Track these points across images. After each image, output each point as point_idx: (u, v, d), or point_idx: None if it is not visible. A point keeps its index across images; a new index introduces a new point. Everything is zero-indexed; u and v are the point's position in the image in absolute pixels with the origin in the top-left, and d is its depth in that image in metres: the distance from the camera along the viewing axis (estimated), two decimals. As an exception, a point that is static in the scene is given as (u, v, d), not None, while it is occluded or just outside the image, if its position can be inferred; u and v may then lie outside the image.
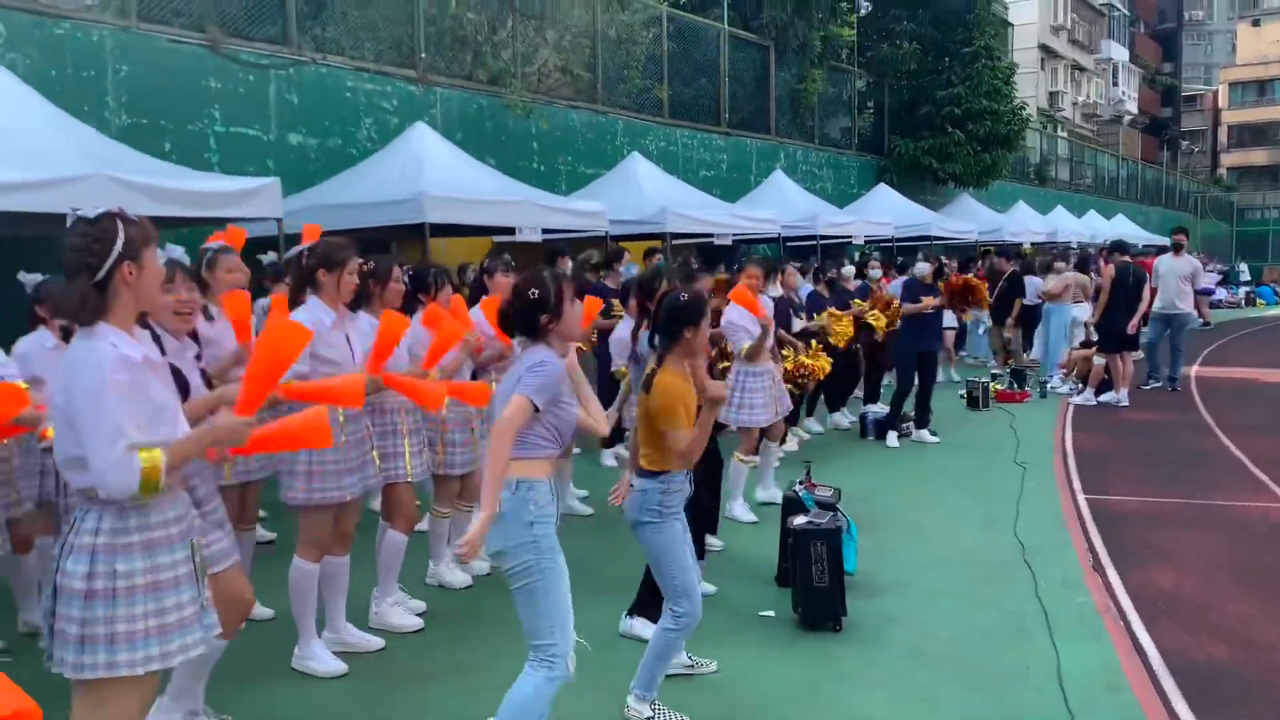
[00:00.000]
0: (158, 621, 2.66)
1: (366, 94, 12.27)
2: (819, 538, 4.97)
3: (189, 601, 2.74)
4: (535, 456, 3.30)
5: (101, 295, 2.63)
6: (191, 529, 2.81)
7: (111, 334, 2.62)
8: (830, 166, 22.01)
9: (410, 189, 9.76)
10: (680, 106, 17.72)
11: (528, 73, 14.68)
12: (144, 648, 2.63)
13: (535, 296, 3.32)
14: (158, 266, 2.73)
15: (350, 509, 4.62)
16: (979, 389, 11.58)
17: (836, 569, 4.96)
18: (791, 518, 5.28)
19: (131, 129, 9.94)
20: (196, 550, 2.80)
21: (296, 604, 4.54)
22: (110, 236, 2.62)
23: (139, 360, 2.65)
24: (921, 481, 8.20)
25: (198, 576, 2.80)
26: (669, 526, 3.94)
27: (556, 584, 3.27)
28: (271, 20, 11.44)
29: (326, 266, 4.43)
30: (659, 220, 12.73)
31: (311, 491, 4.42)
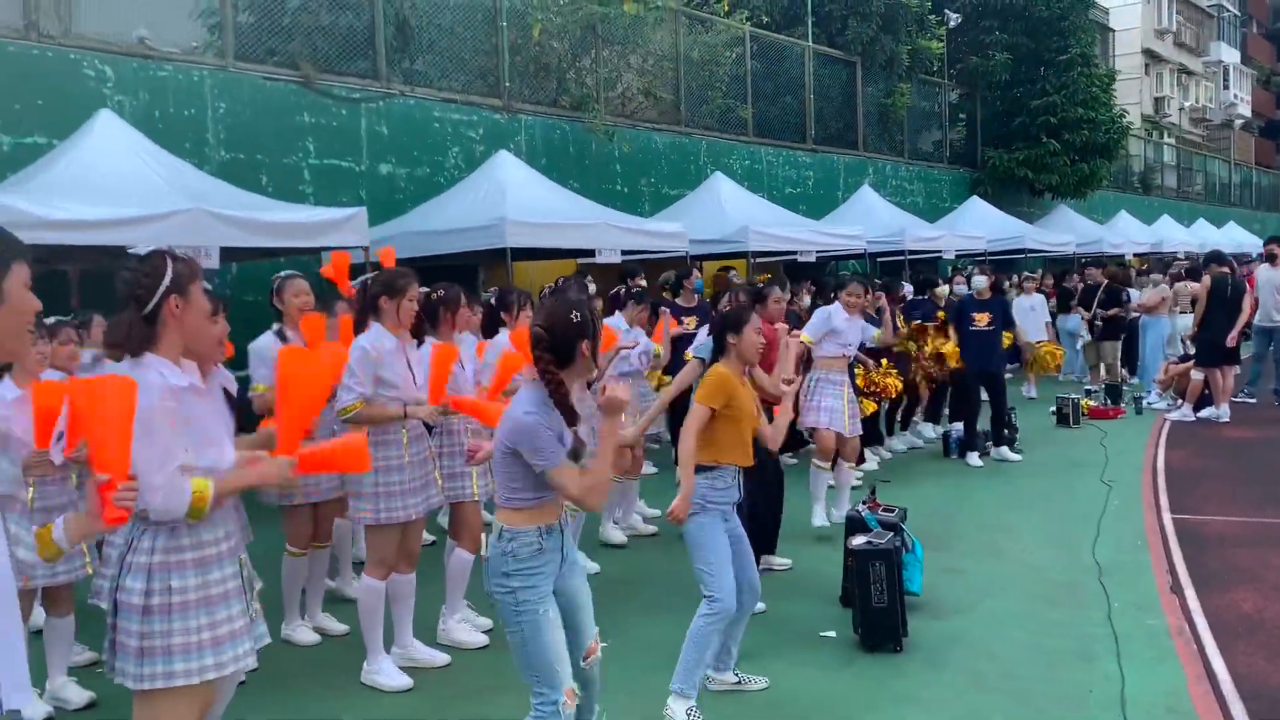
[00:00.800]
0: (211, 634, 2.82)
1: (453, 123, 12.63)
2: (878, 558, 4.96)
3: (239, 614, 2.91)
4: (518, 506, 3.22)
5: (150, 327, 2.82)
6: (239, 546, 2.98)
7: (159, 364, 2.81)
8: (921, 180, 21.75)
9: (492, 215, 10.01)
10: (765, 124, 17.76)
11: (611, 97, 14.91)
12: (199, 658, 2.79)
13: (577, 320, 3.22)
14: (204, 302, 2.91)
15: (415, 528, 4.80)
16: (1069, 405, 11.31)
17: (896, 589, 4.94)
18: (852, 538, 5.27)
19: (230, 164, 10.43)
20: (244, 565, 2.97)
21: (364, 620, 4.72)
22: (159, 272, 2.82)
23: (185, 387, 2.82)
24: (999, 501, 8.07)
25: (246, 590, 2.96)
26: (709, 519, 4.14)
27: (536, 637, 3.17)
28: (362, 55, 11.88)
29: (388, 294, 4.62)
30: (740, 239, 12.78)
31: (379, 511, 4.60)
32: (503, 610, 3.24)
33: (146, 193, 7.66)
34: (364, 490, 4.60)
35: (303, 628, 5.35)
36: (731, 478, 4.24)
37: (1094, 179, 23.27)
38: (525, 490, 3.21)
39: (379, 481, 4.58)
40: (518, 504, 3.22)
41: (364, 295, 4.74)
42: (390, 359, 4.58)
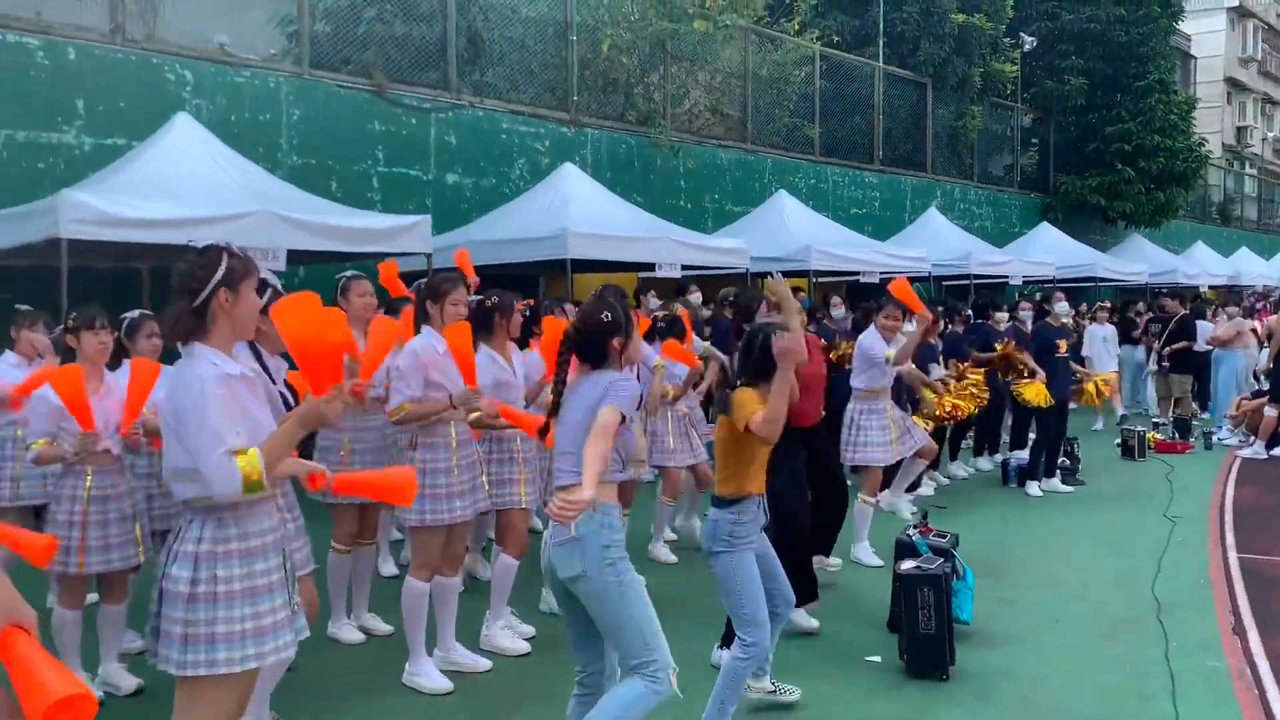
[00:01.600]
0: (254, 624, 2.84)
1: (520, 135, 12.74)
2: (926, 584, 4.85)
3: (281, 606, 2.92)
4: (606, 481, 3.28)
5: (200, 319, 2.86)
6: (284, 538, 3.01)
7: (210, 353, 2.85)
8: (990, 205, 21.45)
9: (555, 226, 10.06)
10: (832, 144, 17.65)
11: (678, 113, 14.93)
12: (241, 647, 2.81)
13: (608, 320, 3.38)
14: (255, 298, 2.94)
15: (460, 531, 4.80)
16: (1135, 438, 11.01)
17: (944, 616, 4.83)
18: (902, 562, 5.17)
19: (301, 169, 10.62)
20: (287, 558, 2.99)
21: (408, 622, 4.74)
22: (213, 265, 2.87)
23: (236, 375, 2.88)
24: (1059, 532, 7.87)
25: (288, 582, 2.98)
26: (740, 556, 3.97)
27: (642, 601, 3.29)
28: (433, 66, 12.04)
29: (432, 298, 4.67)
30: (803, 257, 12.70)
31: (424, 513, 4.62)
32: (601, 586, 3.25)
33: (217, 194, 7.83)
34: (411, 492, 4.62)
35: (348, 626, 5.38)
36: (757, 507, 4.09)
37: (1169, 208, 22.76)
38: (614, 463, 3.32)
39: (425, 484, 4.59)
40: (607, 479, 3.30)
41: (418, 299, 4.78)
42: (440, 362, 4.60)
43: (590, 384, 3.39)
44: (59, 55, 9.01)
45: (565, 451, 3.37)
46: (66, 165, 8.97)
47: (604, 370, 3.40)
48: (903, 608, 4.90)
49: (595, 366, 3.39)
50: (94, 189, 7.61)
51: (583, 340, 3.37)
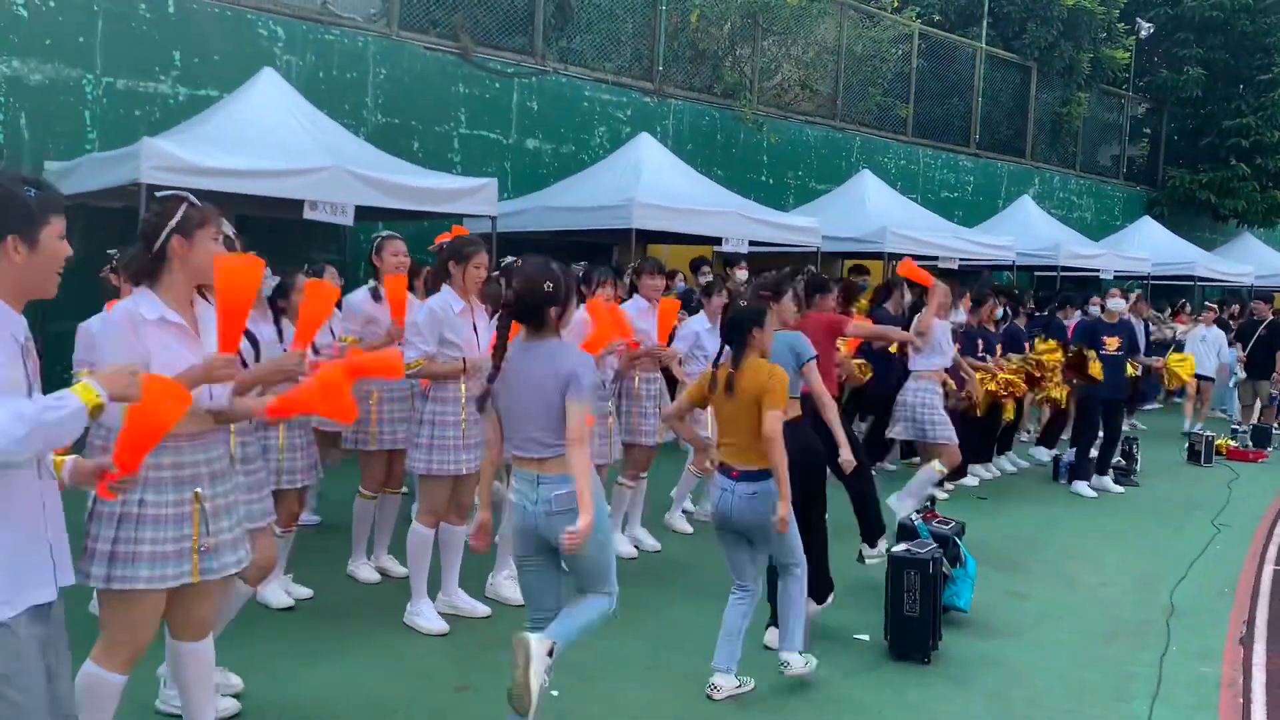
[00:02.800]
0: (126, 548, 2.96)
1: (602, 103, 12.90)
2: (913, 567, 4.92)
3: (170, 539, 3.01)
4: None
5: (157, 264, 3.04)
6: (198, 478, 3.09)
7: (143, 298, 3.03)
8: (1091, 195, 20.83)
9: (623, 195, 10.20)
10: (927, 125, 17.37)
11: (766, 87, 14.88)
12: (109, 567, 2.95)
13: (549, 289, 3.49)
14: (211, 247, 3.08)
15: (467, 482, 5.03)
16: (1201, 442, 10.72)
17: (930, 600, 4.89)
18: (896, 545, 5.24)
19: (385, 128, 10.98)
20: (199, 498, 3.08)
21: (411, 564, 5.01)
22: (169, 213, 3.03)
23: (151, 319, 2.98)
24: (1094, 531, 7.77)
25: (196, 520, 3.06)
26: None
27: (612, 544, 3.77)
28: (520, 31, 12.27)
29: (455, 259, 4.87)
30: (877, 240, 12.62)
31: (431, 463, 4.87)
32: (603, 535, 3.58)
33: (293, 148, 8.19)
34: (419, 441, 4.88)
35: (365, 566, 5.70)
36: None
37: (1286, 208, 21.78)
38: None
39: (433, 435, 4.85)
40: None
41: (438, 261, 5.00)
42: (456, 321, 4.83)
43: (540, 358, 3.50)
44: (159, 7, 9.48)
45: (528, 430, 3.50)
46: (162, 113, 9.46)
47: (545, 337, 3.53)
48: (888, 589, 4.98)
49: (534, 331, 3.54)
50: (177, 137, 8.05)
51: (521, 304, 3.50)
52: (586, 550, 3.44)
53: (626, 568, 6.05)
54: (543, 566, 3.66)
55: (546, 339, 3.55)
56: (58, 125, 8.99)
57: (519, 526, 3.61)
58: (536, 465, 3.52)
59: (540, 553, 3.62)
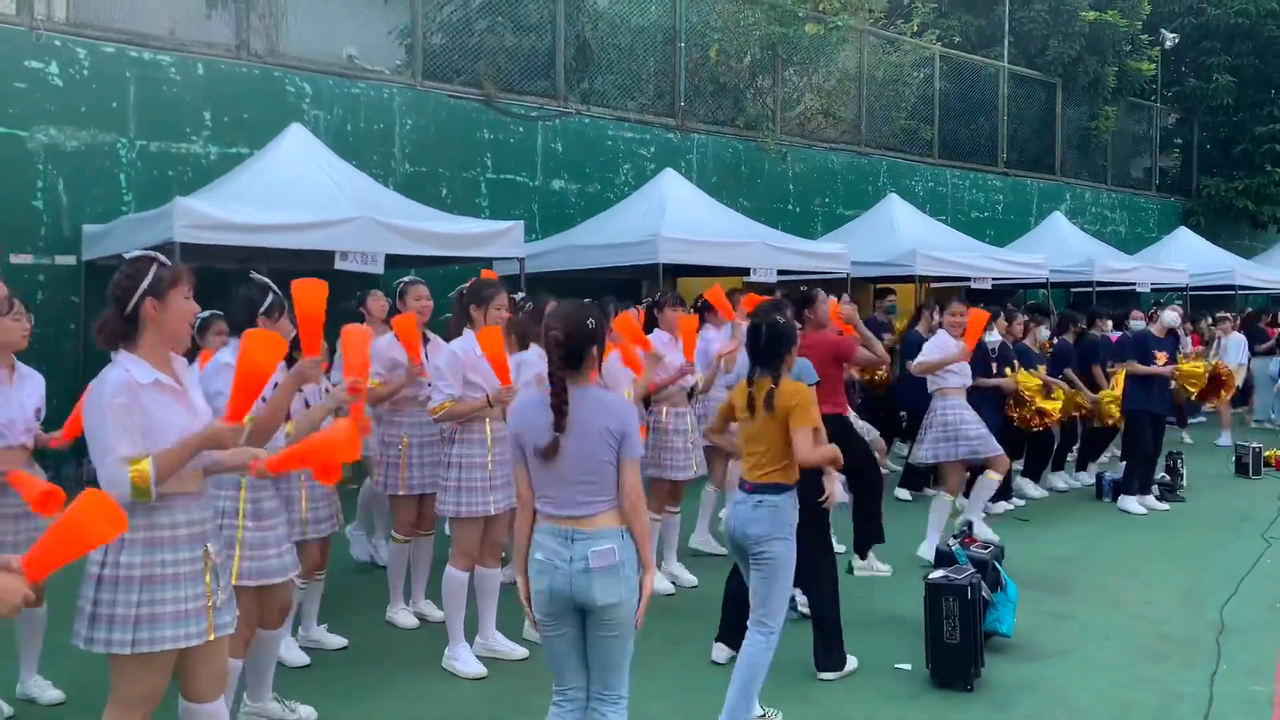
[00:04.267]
0: (149, 610, 2.95)
1: (626, 142, 13.01)
2: (951, 594, 4.86)
3: (191, 596, 3.02)
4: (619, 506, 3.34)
5: (129, 325, 3.02)
6: (206, 534, 3.12)
7: (130, 361, 3.01)
8: (1124, 209, 20.62)
9: (648, 231, 10.25)
10: (953, 146, 17.32)
11: (789, 116, 14.94)
12: (133, 631, 2.94)
13: (591, 326, 3.31)
14: (186, 305, 3.09)
15: (498, 523, 5.06)
16: (1249, 454, 10.51)
17: (971, 627, 4.83)
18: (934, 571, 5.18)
19: (414, 177, 11.15)
20: (209, 555, 3.10)
21: (447, 608, 5.03)
22: (140, 275, 3.01)
23: (146, 384, 2.98)
24: (1139, 549, 7.63)
25: (208, 576, 3.08)
26: (793, 543, 4.16)
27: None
28: (542, 75, 12.42)
29: (475, 302, 4.93)
30: (908, 263, 12.54)
31: (460, 505, 4.91)
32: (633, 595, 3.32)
33: (322, 201, 8.33)
34: (448, 484, 4.92)
35: (404, 611, 5.72)
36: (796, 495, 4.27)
37: (1325, 211, 21.42)
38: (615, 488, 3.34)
39: (461, 477, 4.89)
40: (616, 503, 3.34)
41: (459, 304, 5.06)
42: (479, 363, 4.87)
43: (586, 407, 3.30)
44: (189, 70, 9.73)
45: (568, 485, 3.29)
46: (194, 173, 9.67)
47: (583, 381, 3.33)
48: (927, 617, 4.92)
49: (575, 372, 3.33)
50: (209, 196, 8.23)
51: (570, 346, 3.29)
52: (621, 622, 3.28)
53: (664, 604, 6.03)
54: (569, 633, 3.35)
55: (585, 384, 3.34)
56: (94, 189, 9.22)
57: (546, 587, 3.29)
58: (572, 521, 3.29)
59: (569, 617, 3.32)
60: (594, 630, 3.32)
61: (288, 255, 8.64)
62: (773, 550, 4.11)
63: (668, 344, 6.51)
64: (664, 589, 6.28)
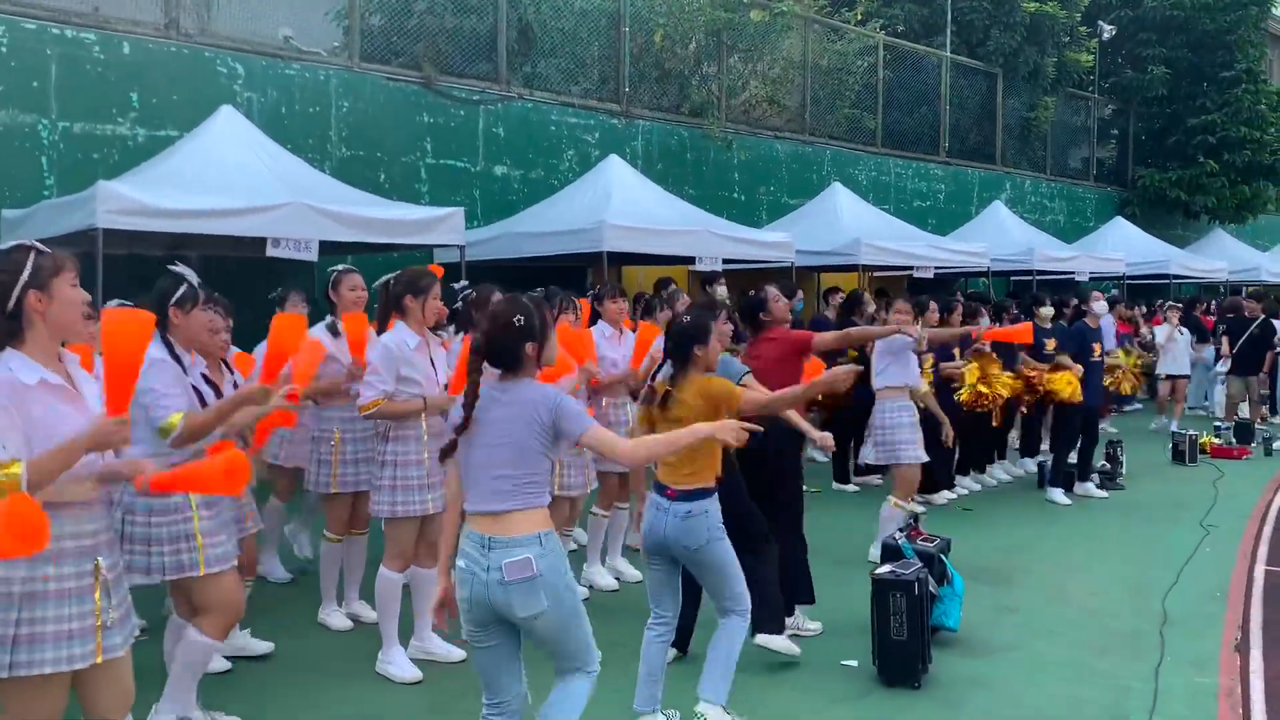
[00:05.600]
0: (28, 630, 2.72)
1: (570, 127, 12.78)
2: (899, 589, 4.76)
3: (77, 614, 2.78)
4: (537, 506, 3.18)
5: (14, 323, 2.76)
6: (97, 548, 2.86)
7: (15, 359, 2.75)
8: (1063, 198, 20.83)
9: (593, 218, 10.06)
10: (896, 135, 17.32)
11: (734, 104, 14.81)
12: (11, 653, 2.70)
13: (520, 324, 3.17)
14: (74, 294, 2.83)
15: (434, 522, 4.85)
16: (1185, 441, 10.62)
17: (918, 623, 4.73)
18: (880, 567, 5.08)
19: (350, 161, 10.83)
20: (100, 570, 2.85)
21: (380, 611, 4.83)
22: (18, 268, 2.76)
23: (32, 384, 2.72)
24: (1082, 539, 7.64)
25: (98, 594, 2.83)
26: (726, 539, 4.09)
27: (584, 616, 3.27)
28: (484, 58, 12.14)
29: (413, 292, 4.71)
30: (852, 252, 12.49)
31: (395, 505, 4.70)
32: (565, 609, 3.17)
33: (252, 185, 8.00)
34: (382, 484, 4.70)
35: (336, 613, 5.50)
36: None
37: (1256, 202, 21.85)
38: (547, 478, 3.23)
39: (396, 476, 4.68)
40: (544, 501, 3.21)
41: (387, 294, 4.83)
42: (413, 356, 4.66)
43: (517, 402, 3.16)
44: (114, 49, 9.31)
45: (488, 477, 3.16)
46: (120, 156, 9.27)
47: (520, 379, 3.20)
48: (874, 613, 4.82)
49: (509, 372, 3.20)
50: (134, 180, 7.87)
51: (494, 345, 3.18)
52: (551, 624, 3.14)
53: (607, 601, 5.88)
54: (499, 644, 3.22)
55: (522, 380, 3.20)
56: (14, 171, 8.79)
57: (468, 597, 3.15)
58: (490, 523, 3.13)
59: (493, 627, 3.18)
60: (535, 636, 3.22)
61: (219, 242, 8.33)
62: (713, 552, 4.03)
63: (611, 338, 6.33)
64: (607, 585, 6.13)
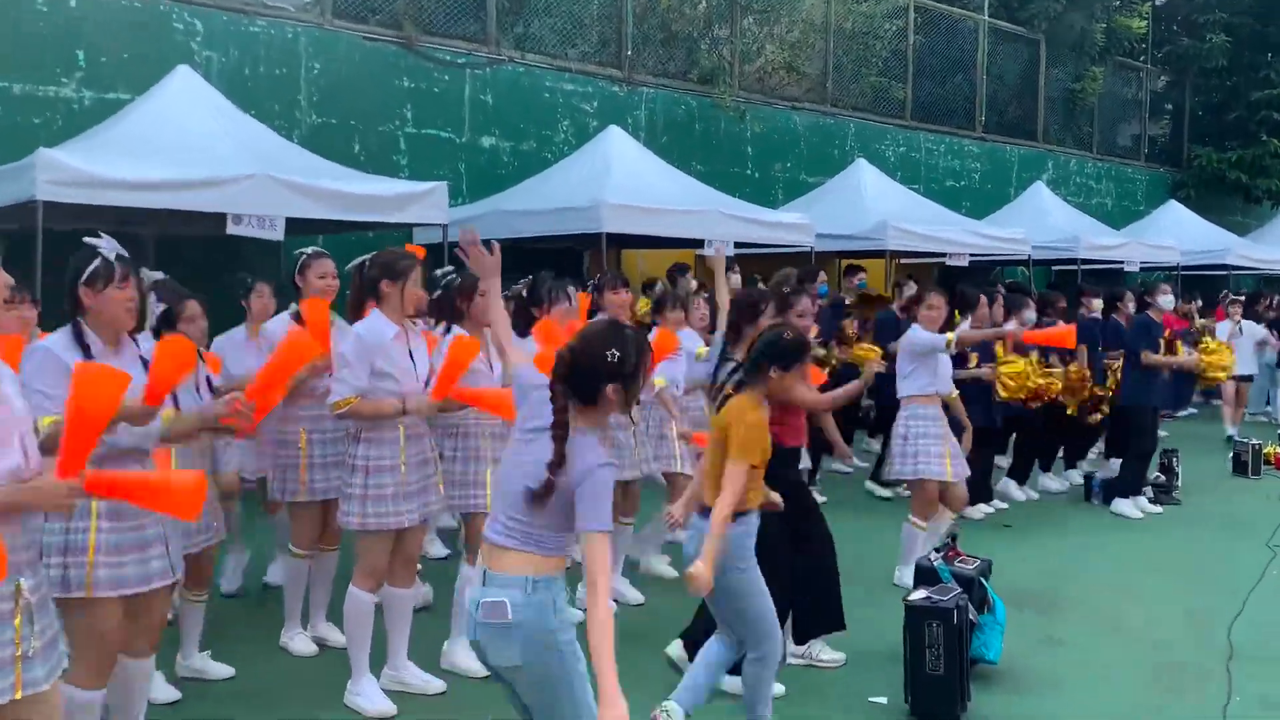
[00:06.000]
0: None
1: (565, 94, 12.65)
2: (935, 617, 4.64)
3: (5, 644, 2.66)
4: (553, 554, 3.04)
5: None
6: (19, 566, 2.71)
7: None
8: (1111, 179, 20.71)
9: (591, 196, 9.94)
10: (927, 107, 17.21)
11: (748, 71, 14.67)
12: None
13: (613, 360, 2.95)
14: None
15: (411, 536, 4.74)
16: (1249, 452, 10.51)
17: (956, 655, 4.62)
18: (914, 592, 4.96)
19: (321, 129, 10.70)
20: (21, 592, 2.71)
21: (350, 636, 4.71)
22: None
23: None
24: (1135, 560, 7.53)
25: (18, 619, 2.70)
26: (754, 570, 4.06)
27: (584, 687, 3.05)
28: (471, 17, 12.01)
29: (390, 277, 4.57)
30: (878, 236, 12.37)
31: (366, 516, 4.56)
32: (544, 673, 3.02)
33: (212, 155, 7.88)
34: (352, 492, 4.57)
35: (301, 636, 5.37)
36: (755, 519, 4.12)
37: (1325, 186, 21.71)
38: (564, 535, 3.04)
39: (368, 484, 4.54)
40: (554, 551, 3.04)
41: (361, 279, 4.70)
42: (389, 348, 4.53)
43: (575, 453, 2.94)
44: (59, 3, 9.17)
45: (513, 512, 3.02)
46: (64, 121, 9.14)
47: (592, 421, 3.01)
48: (907, 644, 4.70)
49: (582, 408, 2.99)
50: (79, 147, 7.75)
51: (575, 372, 2.97)
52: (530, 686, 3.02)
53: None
54: (511, 692, 3.14)
55: (589, 430, 2.99)
56: (-54, 138, 8.66)
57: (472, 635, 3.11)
58: (489, 553, 3.05)
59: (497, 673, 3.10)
60: (526, 698, 3.11)
61: (176, 218, 8.20)
62: (726, 582, 3.95)
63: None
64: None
